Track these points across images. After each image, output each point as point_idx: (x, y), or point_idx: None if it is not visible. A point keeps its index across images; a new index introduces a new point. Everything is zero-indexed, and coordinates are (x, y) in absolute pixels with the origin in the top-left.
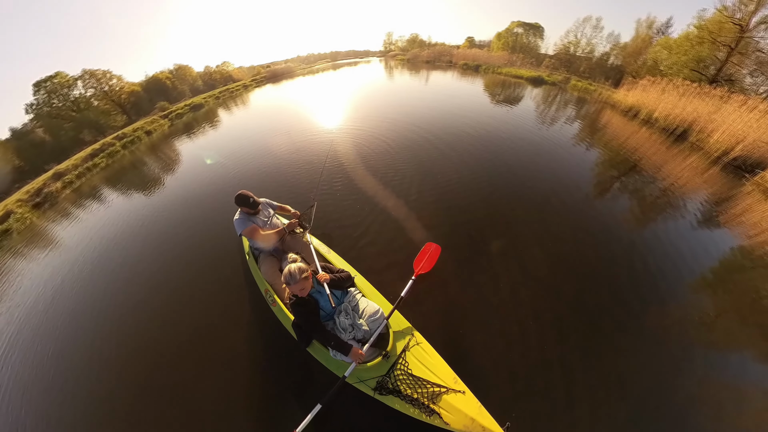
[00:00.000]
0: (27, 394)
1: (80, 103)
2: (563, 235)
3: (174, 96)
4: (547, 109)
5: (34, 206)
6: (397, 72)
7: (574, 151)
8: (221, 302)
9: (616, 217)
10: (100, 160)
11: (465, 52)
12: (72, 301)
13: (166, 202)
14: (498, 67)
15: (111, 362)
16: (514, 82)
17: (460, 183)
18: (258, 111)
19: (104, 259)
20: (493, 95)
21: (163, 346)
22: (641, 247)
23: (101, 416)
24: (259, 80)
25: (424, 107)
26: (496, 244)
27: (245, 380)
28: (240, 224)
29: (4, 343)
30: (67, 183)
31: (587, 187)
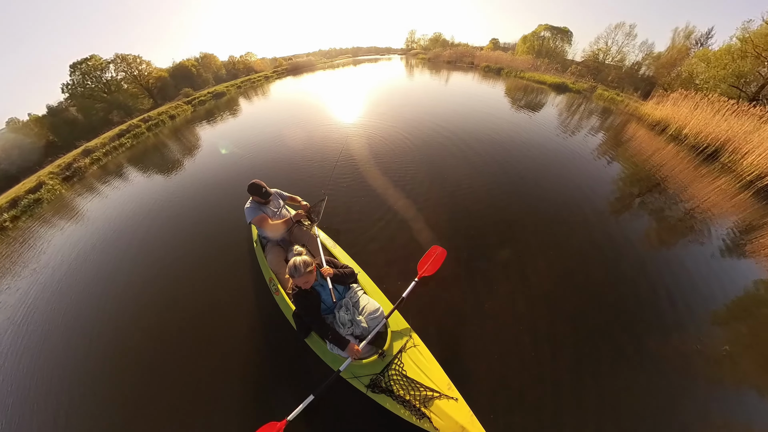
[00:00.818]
0: (41, 352)
1: (111, 86)
2: (570, 250)
3: (198, 83)
4: (569, 118)
5: (64, 179)
6: (417, 71)
7: (594, 163)
8: (226, 286)
9: (630, 236)
10: (126, 140)
11: (488, 54)
12: (87, 271)
13: (181, 186)
14: (521, 72)
15: (117, 331)
16: (537, 88)
17: (472, 187)
18: (276, 102)
19: (120, 235)
20: (513, 100)
21: (166, 323)
22: (652, 270)
23: (103, 380)
24: (280, 72)
25: (441, 108)
26: (503, 252)
27: (242, 364)
28: (250, 212)
29: (28, 303)
30: (95, 160)
31: (602, 202)
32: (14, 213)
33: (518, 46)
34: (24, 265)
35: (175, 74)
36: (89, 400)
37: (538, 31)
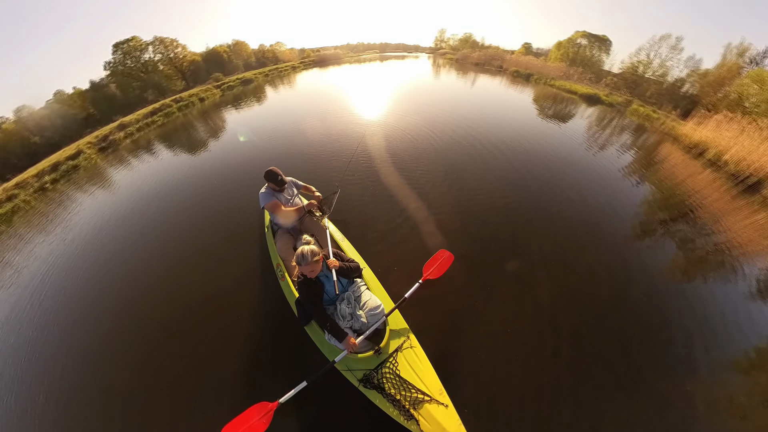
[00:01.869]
0: (58, 303)
1: (148, 66)
2: (579, 267)
3: (228, 69)
4: (599, 132)
5: (100, 150)
6: (443, 71)
7: (620, 182)
8: (235, 267)
9: (646, 262)
10: (158, 118)
11: (518, 58)
12: (110, 237)
13: (202, 166)
14: (551, 79)
15: (130, 297)
16: (567, 98)
17: (487, 194)
18: (299, 93)
19: (144, 206)
20: (540, 109)
21: (176, 295)
22: (667, 302)
23: (110, 340)
24: (307, 63)
25: (464, 111)
26: (512, 264)
27: (242, 343)
28: (264, 198)
29: (53, 259)
30: (129, 134)
31: (622, 224)
32: (54, 176)
33: (551, 53)
34: (56, 224)
35: (208, 59)
36: (94, 355)
37: (575, 38)
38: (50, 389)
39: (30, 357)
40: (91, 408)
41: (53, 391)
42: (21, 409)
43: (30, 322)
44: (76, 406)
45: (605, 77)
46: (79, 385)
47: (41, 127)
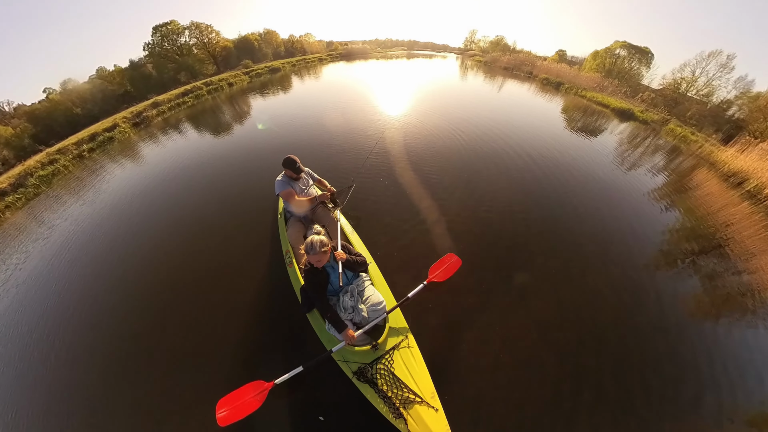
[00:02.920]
0: (82, 260)
1: (183, 49)
2: (586, 286)
3: (258, 57)
4: (629, 150)
5: (134, 124)
6: (470, 73)
7: (645, 205)
8: (246, 248)
9: (661, 292)
10: (189, 99)
11: (550, 65)
12: (134, 206)
13: (224, 148)
14: (583, 89)
15: (144, 265)
16: (598, 110)
17: (502, 202)
18: (323, 84)
19: (166, 181)
20: (568, 120)
21: (187, 267)
22: (680, 338)
23: (121, 303)
24: (334, 56)
25: (488, 116)
26: (517, 275)
27: (245, 322)
28: (280, 185)
29: (83, 221)
30: (161, 112)
31: (640, 249)
32: (91, 146)
33: (586, 62)
34: (88, 189)
35: (239, 46)
36: (106, 310)
37: (613, 47)
38: (62, 337)
39: (50, 303)
40: (91, 362)
41: (64, 337)
42: (37, 340)
43: (55, 273)
44: (80, 355)
45: (642, 92)
46: (86, 337)
47: (83, 100)
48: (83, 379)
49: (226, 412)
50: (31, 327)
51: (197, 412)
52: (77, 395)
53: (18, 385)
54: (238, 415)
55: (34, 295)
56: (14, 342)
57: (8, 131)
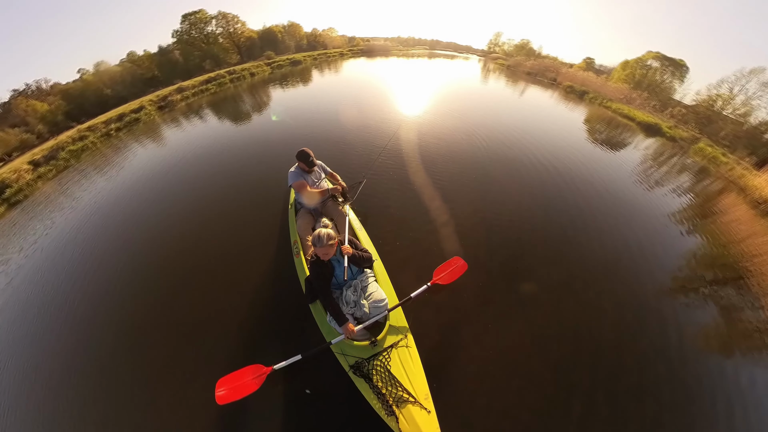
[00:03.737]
0: (102, 233)
1: (210, 38)
2: (589, 301)
3: (280, 48)
4: (651, 166)
5: (159, 108)
6: (492, 76)
7: (662, 226)
8: (255, 236)
9: (669, 318)
10: (212, 86)
11: (575, 73)
12: (153, 185)
13: (241, 136)
14: (608, 100)
15: (159, 241)
16: (622, 123)
17: (515, 210)
18: (342, 79)
19: (184, 164)
20: (591, 131)
21: (198, 249)
22: (684, 367)
23: (133, 278)
24: (355, 51)
25: (506, 121)
26: (523, 285)
27: (249, 307)
28: (293, 176)
29: (105, 195)
30: (185, 97)
31: (651, 270)
32: (118, 125)
33: (615, 72)
34: (112, 166)
35: (263, 37)
36: (119, 281)
37: (645, 58)
38: (78, 301)
39: (70, 269)
40: (103, 326)
41: (80, 301)
42: (49, 302)
43: (76, 242)
44: (94, 319)
45: (673, 107)
46: (100, 304)
47: (113, 82)
48: (95, 341)
49: (224, 392)
50: (50, 290)
51: (197, 386)
52: (88, 354)
53: (34, 341)
54: (236, 395)
55: (55, 260)
56: (34, 301)
57: (44, 107)
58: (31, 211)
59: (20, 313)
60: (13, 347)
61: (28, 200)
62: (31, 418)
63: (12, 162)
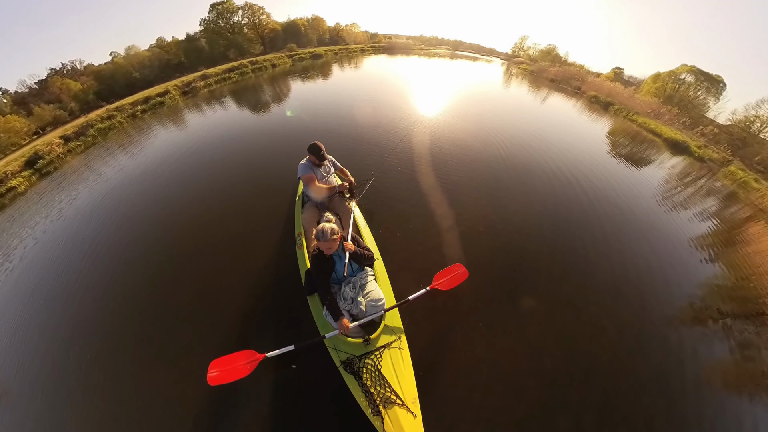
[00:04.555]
0: (122, 204)
1: (235, 28)
2: (588, 321)
3: (303, 41)
4: (675, 187)
5: (183, 93)
6: (514, 81)
7: (679, 251)
8: (261, 224)
9: (674, 346)
10: (234, 75)
11: (601, 82)
12: (171, 166)
13: (257, 126)
14: (634, 113)
15: (170, 221)
16: (648, 139)
17: (523, 220)
18: (360, 75)
19: (201, 148)
20: (613, 144)
21: (204, 232)
22: (685, 399)
23: (145, 251)
24: (376, 48)
25: (524, 128)
26: (525, 299)
27: (248, 292)
28: (302, 169)
29: (128, 172)
30: (208, 84)
31: (661, 297)
32: (144, 107)
33: (645, 84)
34: (136, 145)
35: (287, 29)
36: (132, 254)
37: (679, 71)
38: (89, 269)
39: (86, 239)
40: (109, 294)
41: (90, 269)
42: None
43: (95, 214)
44: (102, 286)
45: (704, 125)
46: (108, 274)
47: (142, 66)
48: (102, 306)
49: (216, 373)
50: (67, 256)
51: (190, 365)
52: (94, 316)
53: (48, 300)
54: (228, 378)
55: (74, 230)
56: (49, 265)
57: (77, 86)
58: (59, 182)
59: (41, 273)
60: (31, 301)
61: (57, 172)
62: (35, 377)
63: (45, 136)
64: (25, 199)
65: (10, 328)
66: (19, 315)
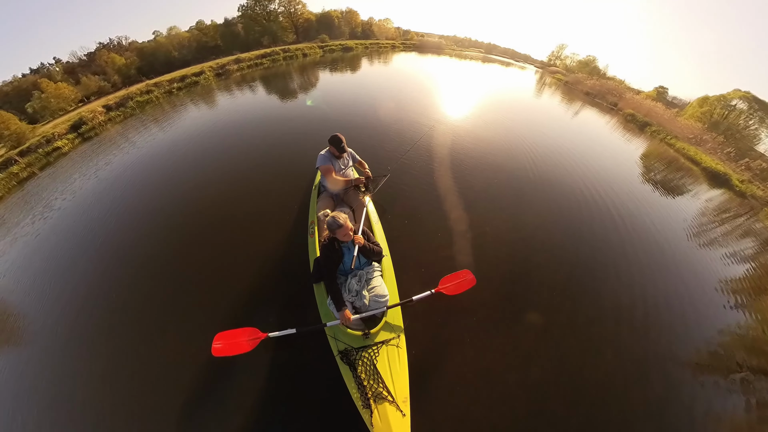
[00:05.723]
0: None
1: (271, 15)
2: (591, 347)
3: (335, 33)
4: (710, 223)
5: (216, 74)
6: (546, 91)
7: (705, 293)
8: (277, 209)
9: (685, 396)
10: (266, 61)
11: (641, 101)
12: (198, 142)
13: (281, 112)
14: (673, 137)
15: (190, 197)
16: (684, 166)
17: (539, 235)
18: (387, 71)
19: (227, 129)
20: (645, 167)
21: (222, 211)
22: None
23: (160, 222)
24: (407, 45)
25: (552, 141)
26: (531, 317)
27: (256, 273)
28: (321, 159)
29: (157, 144)
30: (240, 68)
31: (677, 337)
32: (180, 85)
33: (690, 107)
34: (168, 120)
35: (320, 20)
36: (148, 227)
37: (730, 97)
38: (113, 233)
39: (113, 202)
40: (129, 259)
41: (114, 234)
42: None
43: (126, 179)
44: (124, 249)
45: (752, 158)
46: (130, 240)
47: (181, 46)
48: (120, 265)
49: (220, 345)
50: (95, 213)
51: (195, 332)
52: (113, 271)
53: (74, 253)
54: (230, 351)
55: (105, 191)
56: (79, 219)
57: (121, 60)
58: (97, 146)
59: (72, 225)
60: (62, 247)
61: (97, 137)
62: (55, 317)
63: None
64: (68, 158)
65: (40, 267)
66: (47, 259)
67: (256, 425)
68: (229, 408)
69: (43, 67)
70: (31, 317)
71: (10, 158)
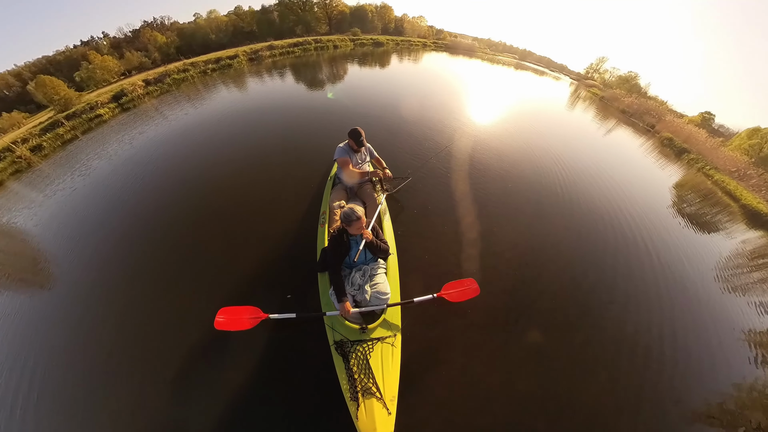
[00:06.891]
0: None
1: (306, 5)
2: (584, 369)
3: (367, 27)
4: (743, 266)
5: (249, 59)
6: (580, 105)
7: (727, 343)
8: (291, 195)
9: None
10: (297, 50)
11: (682, 125)
12: (223, 122)
13: (307, 101)
14: (712, 167)
15: (210, 175)
16: (722, 201)
17: (554, 255)
18: (416, 70)
19: (253, 113)
20: (680, 198)
21: (240, 192)
22: None
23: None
24: (439, 45)
25: (582, 157)
26: (532, 335)
27: (264, 254)
28: (339, 152)
29: (188, 120)
30: (272, 55)
31: (687, 385)
32: (214, 67)
33: (737, 138)
34: (200, 98)
35: (354, 13)
36: (170, 201)
37: None
38: (135, 204)
39: (139, 175)
40: (148, 231)
41: (136, 204)
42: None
43: (156, 149)
44: (144, 223)
45: None
46: (152, 213)
47: (218, 29)
48: (143, 227)
49: (223, 320)
50: (127, 178)
51: (201, 304)
52: (135, 233)
53: (103, 216)
54: (231, 327)
55: (138, 159)
56: (112, 182)
57: (162, 39)
58: (134, 117)
59: (105, 187)
60: (95, 204)
61: (135, 109)
62: (81, 267)
63: (131, 77)
64: (108, 126)
65: (73, 220)
66: (79, 212)
67: (242, 399)
68: (221, 377)
69: (92, 40)
70: (59, 261)
71: (57, 120)
